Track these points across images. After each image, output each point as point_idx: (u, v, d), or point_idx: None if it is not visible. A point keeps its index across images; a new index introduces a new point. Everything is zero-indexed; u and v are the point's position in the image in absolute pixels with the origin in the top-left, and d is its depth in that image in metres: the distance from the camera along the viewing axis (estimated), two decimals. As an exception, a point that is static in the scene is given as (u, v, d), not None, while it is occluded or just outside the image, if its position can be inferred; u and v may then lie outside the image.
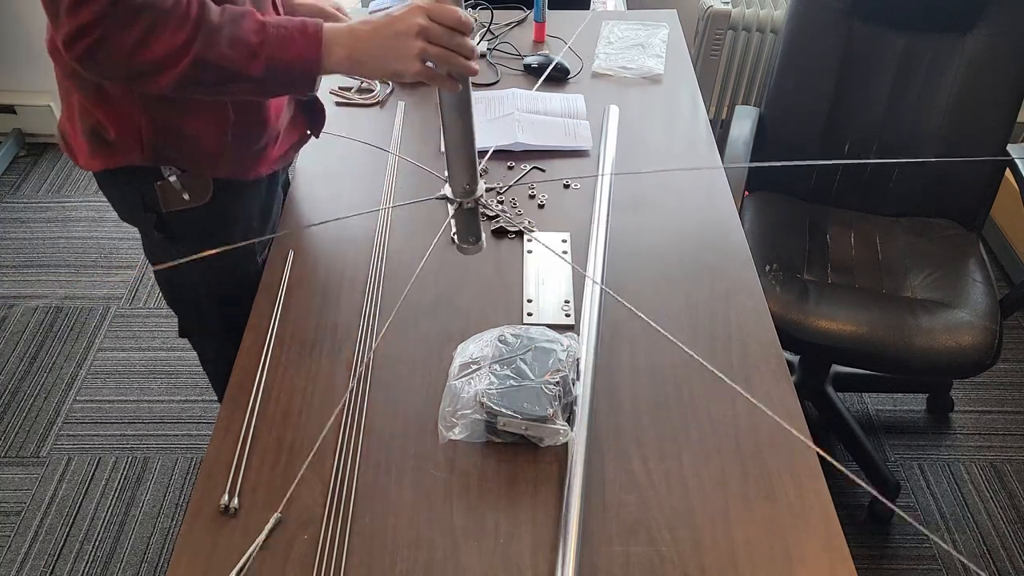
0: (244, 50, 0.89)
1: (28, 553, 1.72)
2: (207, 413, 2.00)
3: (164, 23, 0.85)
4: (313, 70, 0.93)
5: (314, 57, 0.92)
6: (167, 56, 0.86)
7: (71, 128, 1.08)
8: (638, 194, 1.36)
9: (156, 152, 1.04)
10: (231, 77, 0.90)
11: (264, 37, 0.89)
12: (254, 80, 0.91)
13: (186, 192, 1.08)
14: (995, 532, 1.81)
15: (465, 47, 0.89)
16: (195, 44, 0.86)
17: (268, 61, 0.90)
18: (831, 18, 1.76)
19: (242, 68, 0.89)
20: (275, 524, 0.89)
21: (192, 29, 0.86)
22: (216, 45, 0.87)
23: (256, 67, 0.90)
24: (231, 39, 0.88)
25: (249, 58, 0.89)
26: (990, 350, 1.53)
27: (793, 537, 0.90)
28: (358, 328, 1.12)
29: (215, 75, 0.90)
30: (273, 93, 0.99)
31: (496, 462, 0.96)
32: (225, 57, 0.88)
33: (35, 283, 2.34)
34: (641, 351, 1.10)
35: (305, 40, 0.91)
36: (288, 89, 0.96)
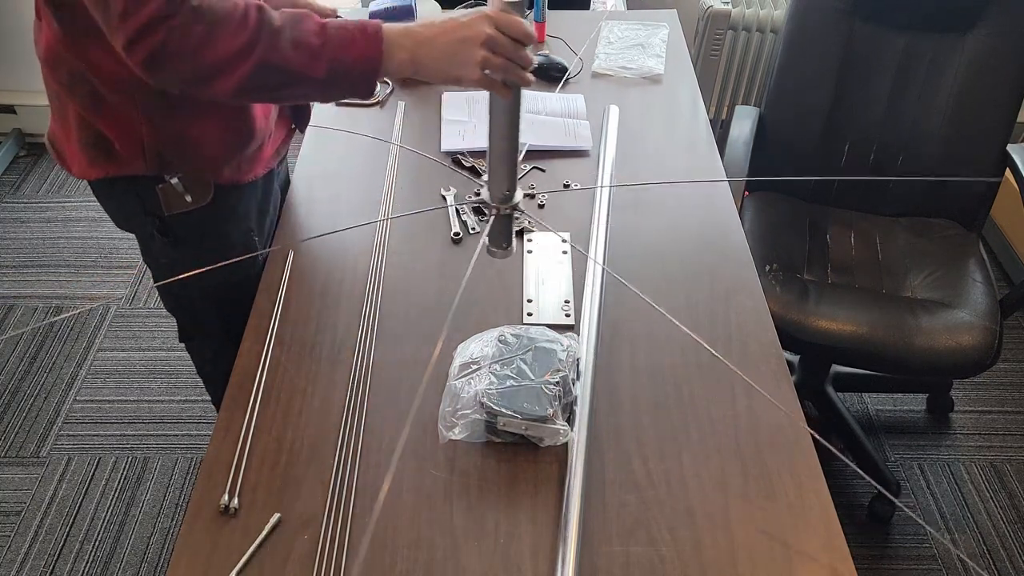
0: (307, 52, 0.88)
1: (28, 553, 1.72)
2: (207, 413, 2.00)
3: (225, 25, 0.85)
4: (374, 71, 0.92)
5: (376, 58, 0.91)
6: (230, 58, 0.86)
7: (65, 138, 1.08)
8: (638, 194, 1.36)
9: (160, 161, 1.05)
10: (294, 80, 0.89)
11: (325, 39, 0.89)
12: (316, 82, 0.90)
13: (188, 194, 1.08)
14: (995, 532, 1.81)
15: (525, 59, 0.89)
16: (258, 46, 0.86)
17: (330, 63, 0.89)
18: (831, 18, 1.76)
19: (305, 70, 0.89)
20: (275, 524, 0.89)
21: (254, 31, 0.86)
22: (279, 48, 0.87)
23: (319, 69, 0.89)
24: (294, 41, 0.87)
25: (312, 60, 0.88)
26: (990, 350, 1.53)
27: (793, 537, 0.90)
28: (358, 328, 1.12)
29: (278, 78, 0.89)
30: (332, 96, 0.98)
31: (496, 462, 0.96)
32: (288, 59, 0.87)
33: (35, 283, 2.34)
34: (641, 351, 1.10)
35: (366, 41, 0.90)
36: (348, 92, 0.94)
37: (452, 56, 0.90)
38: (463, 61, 0.90)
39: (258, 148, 1.14)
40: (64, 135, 1.08)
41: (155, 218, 1.11)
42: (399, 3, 1.61)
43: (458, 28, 0.90)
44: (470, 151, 1.43)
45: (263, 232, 1.25)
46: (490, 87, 0.90)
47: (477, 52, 0.88)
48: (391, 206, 1.31)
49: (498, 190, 0.99)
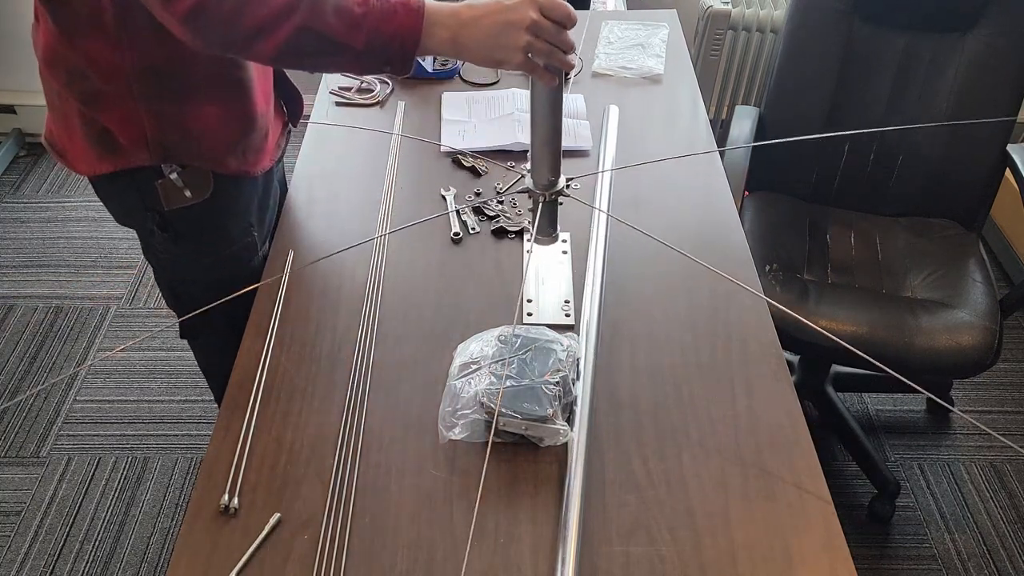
0: (348, 20, 0.87)
1: (28, 553, 1.72)
2: (207, 413, 2.00)
3: None
4: (412, 47, 0.90)
5: (415, 34, 0.89)
6: (270, 19, 0.85)
7: (67, 136, 1.08)
8: (638, 194, 1.36)
9: (163, 150, 1.05)
10: (332, 48, 0.88)
11: (367, 8, 0.87)
12: (354, 52, 0.89)
13: (187, 189, 1.09)
14: (995, 532, 1.81)
15: (567, 43, 0.89)
16: (299, 10, 0.85)
17: (370, 33, 0.88)
18: (831, 18, 1.76)
19: (345, 38, 0.87)
20: (275, 524, 0.89)
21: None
22: (320, 13, 0.86)
23: (359, 38, 0.88)
24: (336, 8, 0.86)
25: (352, 29, 0.87)
26: (990, 350, 1.54)
27: (793, 537, 0.90)
28: (358, 328, 1.12)
29: (317, 44, 0.88)
30: (369, 69, 0.96)
31: (496, 462, 0.96)
32: (329, 26, 0.86)
33: (35, 283, 2.34)
34: (641, 351, 1.10)
35: (408, 15, 0.89)
36: (384, 65, 0.92)
37: (495, 39, 0.89)
38: (506, 44, 0.89)
39: (263, 137, 1.14)
40: (66, 134, 1.08)
41: (155, 213, 1.11)
42: (399, 3, 1.61)
43: (503, 11, 0.89)
44: (470, 151, 1.43)
45: (263, 227, 1.25)
46: (532, 71, 0.90)
47: (521, 36, 0.88)
48: (391, 206, 1.31)
49: (542, 177, 0.99)
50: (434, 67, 1.63)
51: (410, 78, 1.61)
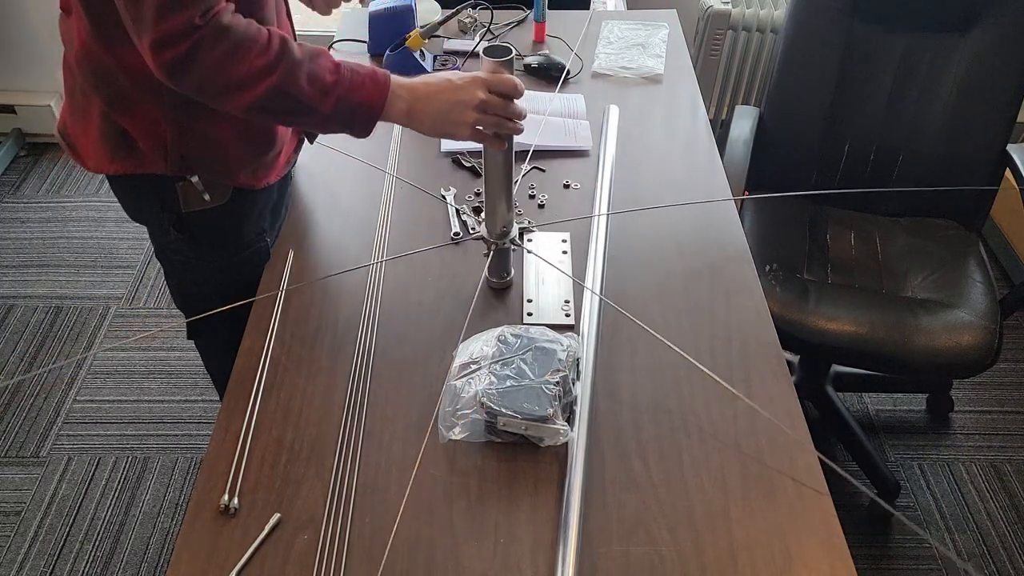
0: (319, 87, 0.94)
1: (28, 553, 1.73)
2: (207, 413, 2.00)
3: (250, 46, 0.90)
4: (375, 116, 0.99)
5: (379, 105, 0.98)
6: (248, 77, 0.90)
7: (82, 131, 1.08)
8: (638, 194, 1.36)
9: (181, 162, 1.06)
10: (302, 109, 0.95)
11: (338, 77, 0.95)
12: (322, 115, 0.96)
13: (207, 192, 1.09)
14: (995, 532, 1.81)
15: (516, 113, 0.99)
16: (276, 72, 0.91)
17: (338, 100, 0.95)
18: (831, 18, 1.76)
19: (314, 103, 0.94)
20: (275, 524, 0.89)
21: (275, 57, 0.91)
22: (296, 78, 0.92)
23: (327, 104, 0.95)
24: (310, 75, 0.93)
25: (322, 95, 0.94)
26: (990, 350, 1.54)
27: (793, 537, 0.90)
28: (358, 327, 1.12)
29: (288, 104, 0.94)
30: (332, 130, 1.03)
31: (496, 462, 0.96)
32: (302, 90, 0.93)
33: (35, 283, 2.34)
34: (641, 351, 1.10)
35: (374, 87, 0.97)
36: (346, 128, 1.00)
37: (445, 115, 0.99)
38: (455, 120, 0.99)
39: (276, 155, 1.16)
40: (81, 128, 1.08)
41: (171, 213, 1.12)
42: (399, 3, 1.61)
43: (453, 90, 0.98)
44: (470, 151, 1.43)
45: (273, 232, 1.25)
46: (481, 142, 1.01)
47: (469, 114, 0.98)
48: (391, 206, 1.31)
49: (495, 227, 1.10)
50: (434, 67, 1.63)
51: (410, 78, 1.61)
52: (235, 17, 0.90)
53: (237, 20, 0.90)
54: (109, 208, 2.60)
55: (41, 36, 2.62)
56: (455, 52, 1.69)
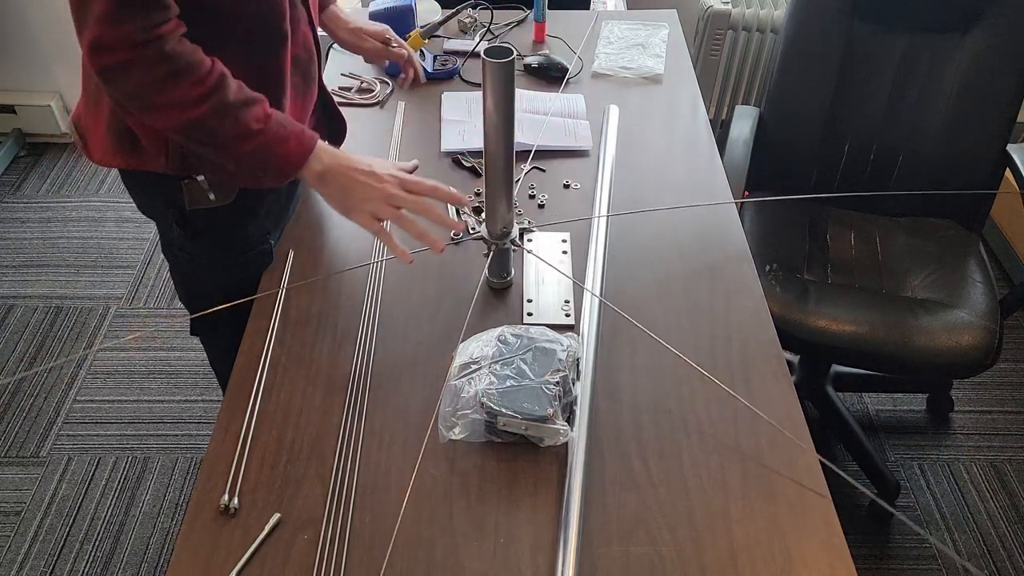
0: (242, 131, 0.96)
1: (28, 553, 1.73)
2: (207, 413, 2.00)
3: (184, 76, 0.91)
4: (289, 171, 1.02)
5: (296, 164, 1.01)
6: (174, 104, 0.92)
7: (93, 123, 1.09)
8: (638, 194, 1.36)
9: (182, 161, 1.06)
10: (217, 145, 0.97)
11: (264, 127, 0.97)
12: (235, 156, 0.99)
13: (212, 191, 1.10)
14: (995, 532, 1.81)
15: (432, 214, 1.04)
16: (201, 107, 0.93)
17: (257, 147, 0.98)
18: (831, 18, 1.76)
19: (231, 143, 0.97)
20: (275, 524, 0.89)
21: (206, 92, 0.92)
22: (221, 117, 0.94)
23: (244, 148, 0.97)
24: (235, 118, 0.95)
25: (242, 139, 0.97)
26: (990, 350, 1.54)
27: (793, 537, 0.90)
28: (358, 328, 1.12)
29: (206, 138, 0.96)
30: (243, 170, 1.04)
31: (496, 462, 0.96)
32: (223, 129, 0.95)
33: (35, 283, 2.34)
34: (641, 351, 1.10)
35: (298, 146, 1.00)
36: (258, 173, 1.02)
37: (349, 192, 1.03)
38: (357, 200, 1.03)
39: None
40: (92, 120, 1.09)
41: (176, 210, 1.12)
42: (399, 3, 1.61)
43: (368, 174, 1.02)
44: (470, 151, 1.43)
45: (278, 232, 1.25)
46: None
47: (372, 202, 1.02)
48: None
49: (496, 227, 1.10)
50: (434, 67, 1.63)
51: (410, 78, 1.61)
52: (181, 44, 0.91)
53: (182, 47, 0.91)
54: (109, 208, 2.60)
55: (41, 36, 2.62)
56: (455, 52, 1.69)
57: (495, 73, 0.96)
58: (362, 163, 1.04)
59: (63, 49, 2.64)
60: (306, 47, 1.11)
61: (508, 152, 1.03)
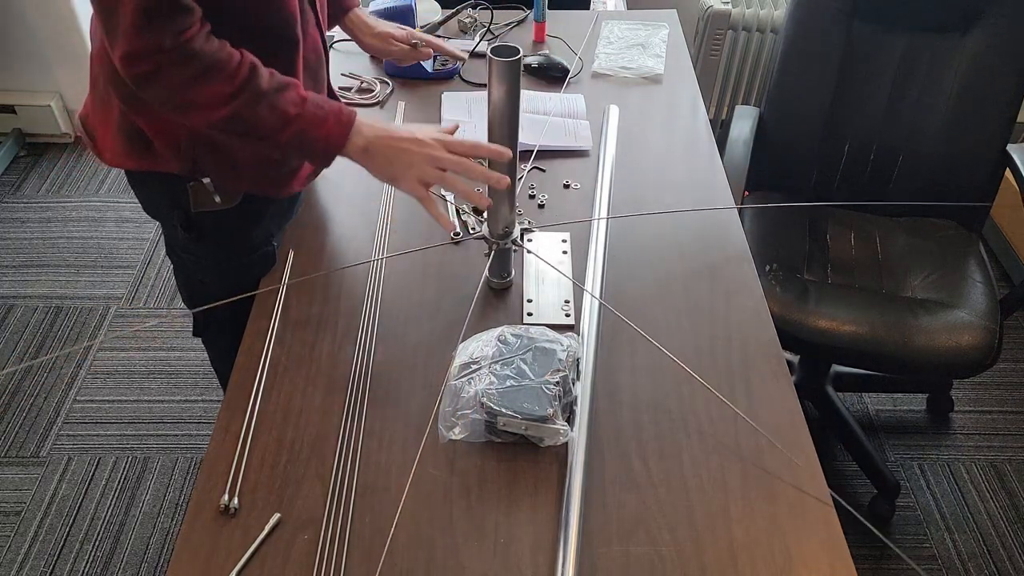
0: (280, 117, 0.96)
1: (28, 553, 1.73)
2: (207, 413, 2.00)
3: (215, 73, 0.92)
4: (333, 152, 1.02)
5: (338, 142, 1.01)
6: (209, 101, 0.93)
7: (101, 122, 1.09)
8: (638, 194, 1.36)
9: (194, 164, 1.06)
10: (259, 136, 0.98)
11: (301, 111, 0.97)
12: (278, 143, 0.99)
13: (217, 194, 1.10)
14: (995, 532, 1.81)
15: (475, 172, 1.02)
16: (237, 99, 0.93)
17: (297, 132, 0.98)
18: (831, 18, 1.76)
19: (272, 132, 0.97)
20: (275, 524, 0.89)
21: (238, 86, 0.93)
22: (256, 107, 0.94)
23: (285, 135, 0.97)
24: (271, 105, 0.95)
25: (282, 125, 0.97)
26: (990, 350, 1.54)
27: (793, 537, 0.90)
28: (358, 328, 1.12)
29: (246, 129, 0.97)
30: (291, 156, 1.05)
31: (496, 462, 0.96)
32: (261, 119, 0.95)
33: (35, 283, 2.34)
34: (641, 351, 1.10)
35: (337, 125, 1.00)
36: (305, 157, 1.03)
37: (395, 159, 1.02)
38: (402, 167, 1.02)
39: (296, 167, 1.16)
40: (101, 121, 1.09)
41: (181, 212, 1.13)
42: (399, 3, 1.61)
43: (411, 140, 1.02)
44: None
45: (281, 235, 1.26)
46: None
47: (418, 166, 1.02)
48: (391, 206, 1.31)
49: (497, 227, 1.10)
50: (434, 67, 1.63)
51: (410, 78, 1.61)
52: (208, 42, 0.92)
53: (209, 45, 0.92)
54: (109, 208, 2.60)
55: (41, 36, 2.62)
56: (455, 52, 1.69)
57: (501, 72, 0.95)
58: (403, 130, 1.03)
59: (63, 49, 2.64)
60: (315, 50, 1.11)
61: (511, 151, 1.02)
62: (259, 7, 0.98)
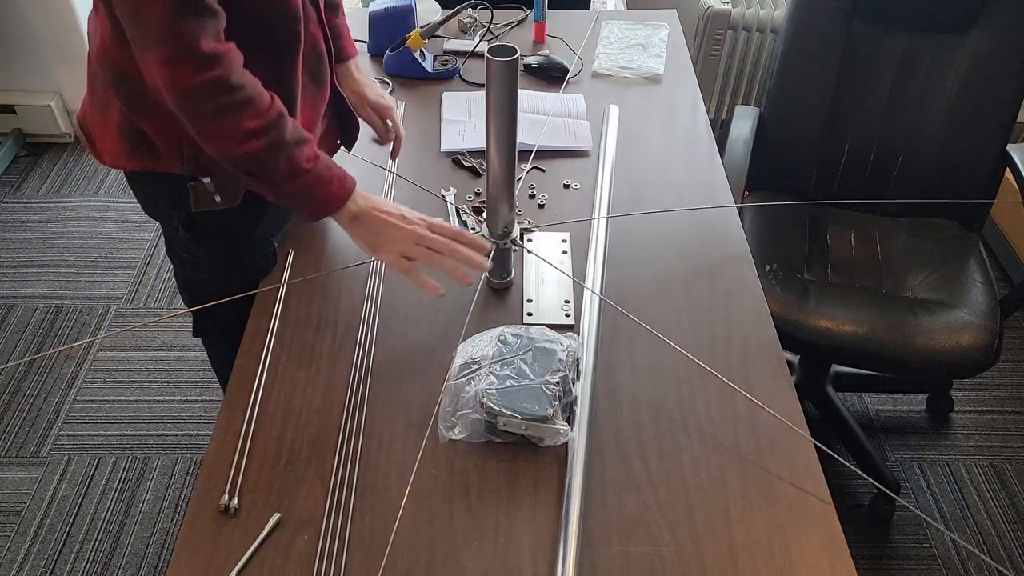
0: (293, 169, 0.99)
1: (28, 553, 1.72)
2: (207, 413, 2.00)
3: (247, 108, 0.94)
4: (326, 212, 1.04)
5: (336, 205, 1.04)
6: (234, 134, 0.94)
7: (101, 123, 1.09)
8: (638, 194, 1.36)
9: (196, 164, 1.06)
10: (267, 180, 0.99)
11: (313, 167, 1.00)
12: (283, 192, 1.01)
13: (218, 194, 1.10)
14: (995, 532, 1.81)
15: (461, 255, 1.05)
16: (260, 139, 0.95)
17: (302, 186, 1.00)
18: (831, 18, 1.76)
19: (281, 180, 0.99)
20: (275, 524, 0.89)
21: (265, 125, 0.95)
22: (276, 153, 0.97)
23: (292, 186, 1.00)
24: (289, 156, 0.98)
25: (292, 176, 0.99)
26: (990, 350, 1.53)
27: (793, 537, 0.90)
28: (358, 327, 1.12)
29: (257, 171, 0.98)
30: (283, 204, 1.06)
31: (496, 462, 0.96)
32: (275, 165, 0.97)
33: (35, 283, 2.34)
34: (641, 351, 1.10)
35: (340, 188, 1.03)
36: (297, 208, 1.05)
37: (379, 234, 1.05)
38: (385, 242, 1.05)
39: None
40: (100, 122, 1.09)
41: (181, 212, 1.13)
42: (399, 3, 1.61)
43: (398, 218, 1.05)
44: (470, 151, 1.43)
45: (280, 234, 1.25)
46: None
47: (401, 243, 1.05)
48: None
49: (497, 227, 1.10)
50: (434, 67, 1.63)
51: (410, 78, 1.61)
52: (245, 75, 0.94)
53: (246, 79, 0.93)
54: (109, 208, 2.60)
55: (41, 36, 2.62)
56: (455, 52, 1.69)
57: (499, 72, 0.96)
58: (392, 207, 1.07)
59: (63, 49, 2.64)
60: (316, 48, 1.11)
61: (511, 152, 1.03)
62: (261, 6, 0.98)
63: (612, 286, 1.19)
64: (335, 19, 1.26)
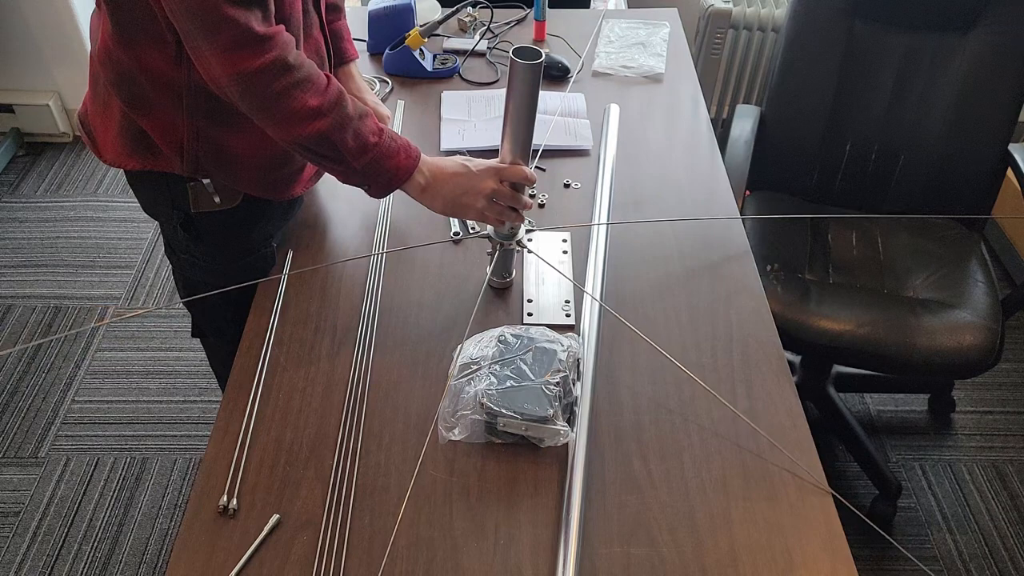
0: (361, 144, 0.99)
1: (27, 554, 1.72)
2: (207, 413, 1.99)
3: (307, 86, 0.94)
4: (397, 184, 1.04)
5: (405, 175, 1.04)
6: (300, 114, 0.94)
7: (102, 122, 1.09)
8: (639, 194, 1.35)
9: (196, 165, 1.06)
10: (336, 158, 0.99)
11: (379, 140, 1.01)
12: (351, 169, 1.01)
13: (217, 195, 1.10)
14: (996, 532, 1.80)
15: (523, 203, 1.06)
16: (327, 117, 0.95)
17: (372, 161, 1.00)
18: (832, 17, 1.76)
19: (350, 157, 0.99)
20: (274, 525, 0.89)
21: (329, 103, 0.96)
22: (344, 130, 0.97)
23: (360, 161, 1.00)
24: (356, 131, 0.98)
25: (360, 152, 0.99)
26: (992, 350, 1.53)
27: (794, 537, 0.89)
28: (358, 328, 1.11)
29: (326, 150, 0.98)
30: (351, 182, 1.06)
31: (496, 463, 0.96)
32: (344, 143, 0.98)
33: (34, 283, 2.33)
34: (641, 351, 1.09)
35: (407, 159, 1.03)
36: (366, 184, 1.04)
37: (457, 198, 1.05)
38: (465, 204, 1.06)
39: (299, 170, 1.16)
40: (102, 120, 1.09)
41: (180, 212, 1.12)
42: (399, 2, 1.61)
43: (469, 176, 1.05)
44: (469, 150, 1.42)
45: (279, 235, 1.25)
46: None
47: (478, 200, 1.05)
48: (391, 204, 1.31)
49: (503, 227, 1.09)
50: (434, 66, 1.62)
51: (410, 77, 1.61)
52: (301, 56, 0.94)
53: (302, 59, 0.94)
54: (108, 208, 2.59)
55: (41, 36, 2.62)
56: (455, 51, 1.68)
57: (523, 75, 0.94)
58: (456, 167, 1.06)
59: (62, 49, 2.64)
60: (318, 53, 1.11)
61: (525, 153, 1.03)
62: None
63: (612, 286, 1.19)
64: (336, 21, 1.26)
